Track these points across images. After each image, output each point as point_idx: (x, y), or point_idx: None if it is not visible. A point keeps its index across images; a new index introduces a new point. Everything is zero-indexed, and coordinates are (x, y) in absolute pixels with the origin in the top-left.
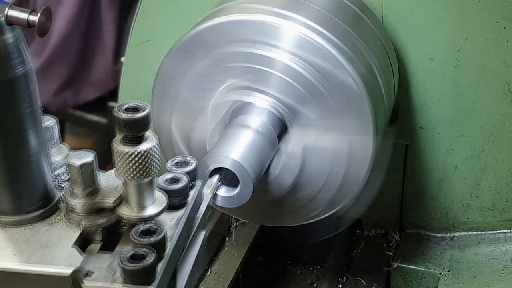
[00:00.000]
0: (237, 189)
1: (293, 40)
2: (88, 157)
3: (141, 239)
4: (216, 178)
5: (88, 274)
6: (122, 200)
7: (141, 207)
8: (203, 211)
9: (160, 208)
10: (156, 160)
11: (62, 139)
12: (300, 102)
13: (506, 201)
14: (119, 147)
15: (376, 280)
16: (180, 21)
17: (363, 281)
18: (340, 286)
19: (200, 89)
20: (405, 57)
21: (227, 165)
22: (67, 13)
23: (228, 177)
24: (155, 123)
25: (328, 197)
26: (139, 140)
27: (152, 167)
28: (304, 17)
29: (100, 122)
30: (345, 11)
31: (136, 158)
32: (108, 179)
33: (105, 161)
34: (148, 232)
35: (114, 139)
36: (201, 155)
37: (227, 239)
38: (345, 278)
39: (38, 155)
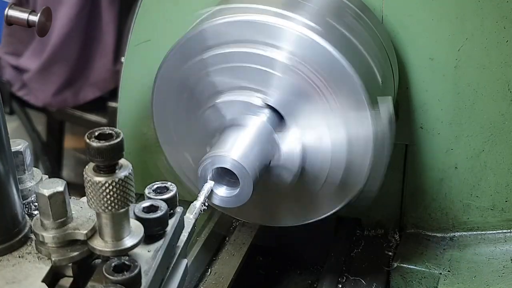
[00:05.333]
0: (237, 189)
1: (293, 40)
2: (58, 186)
3: (114, 276)
4: (199, 202)
5: None
6: (95, 231)
7: (116, 239)
8: (184, 240)
9: (136, 241)
10: (131, 189)
11: (62, 139)
12: (300, 102)
13: (506, 201)
14: (92, 177)
15: (376, 280)
16: (180, 21)
17: (363, 281)
18: (340, 286)
19: (201, 89)
20: (405, 57)
21: (227, 165)
22: (67, 13)
23: (228, 177)
24: (156, 124)
25: (328, 196)
26: (112, 168)
27: (127, 197)
28: (304, 17)
29: (100, 122)
30: (345, 11)
31: (110, 188)
32: (81, 209)
33: None
34: (121, 268)
35: (85, 169)
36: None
37: (227, 239)
38: (345, 278)
39: (5, 183)
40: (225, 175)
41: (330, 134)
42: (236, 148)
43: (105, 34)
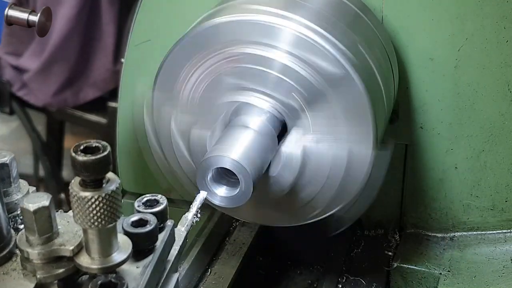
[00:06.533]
0: (237, 189)
1: (292, 40)
2: (44, 200)
3: None
4: (191, 213)
5: None
6: (81, 247)
7: (103, 255)
8: (175, 254)
9: (124, 257)
10: (118, 204)
11: (62, 139)
12: (300, 102)
13: (506, 201)
14: (78, 192)
15: (376, 280)
16: (180, 21)
17: (363, 281)
18: (340, 286)
19: (200, 89)
20: (405, 57)
21: (227, 165)
22: (67, 13)
23: (228, 177)
24: (156, 124)
25: (328, 197)
26: (99, 183)
27: (114, 213)
28: (304, 18)
29: (100, 122)
30: (345, 11)
31: (97, 203)
32: (68, 223)
33: None
34: (108, 286)
35: (71, 183)
36: (201, 155)
37: (227, 239)
38: (345, 278)
39: None
40: (225, 175)
41: (330, 135)
42: (236, 148)
43: (105, 34)
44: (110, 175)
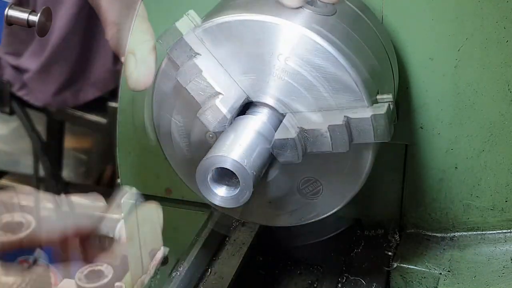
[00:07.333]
0: (237, 189)
1: (293, 40)
2: None
3: None
4: (149, 276)
5: None
6: None
7: None
8: None
9: None
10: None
11: (62, 139)
12: (300, 102)
13: (506, 201)
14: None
15: (376, 280)
16: None
17: (363, 281)
18: (340, 286)
19: (200, 89)
20: (405, 57)
21: (227, 165)
22: (67, 13)
23: (228, 177)
24: (155, 124)
25: (328, 196)
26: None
27: None
28: (304, 17)
29: (100, 122)
30: (345, 11)
31: None
32: None
33: (104, 161)
34: None
35: None
36: (201, 155)
37: (227, 239)
38: (345, 278)
39: None
40: (225, 176)
41: (324, 111)
42: (236, 148)
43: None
44: (37, 252)
